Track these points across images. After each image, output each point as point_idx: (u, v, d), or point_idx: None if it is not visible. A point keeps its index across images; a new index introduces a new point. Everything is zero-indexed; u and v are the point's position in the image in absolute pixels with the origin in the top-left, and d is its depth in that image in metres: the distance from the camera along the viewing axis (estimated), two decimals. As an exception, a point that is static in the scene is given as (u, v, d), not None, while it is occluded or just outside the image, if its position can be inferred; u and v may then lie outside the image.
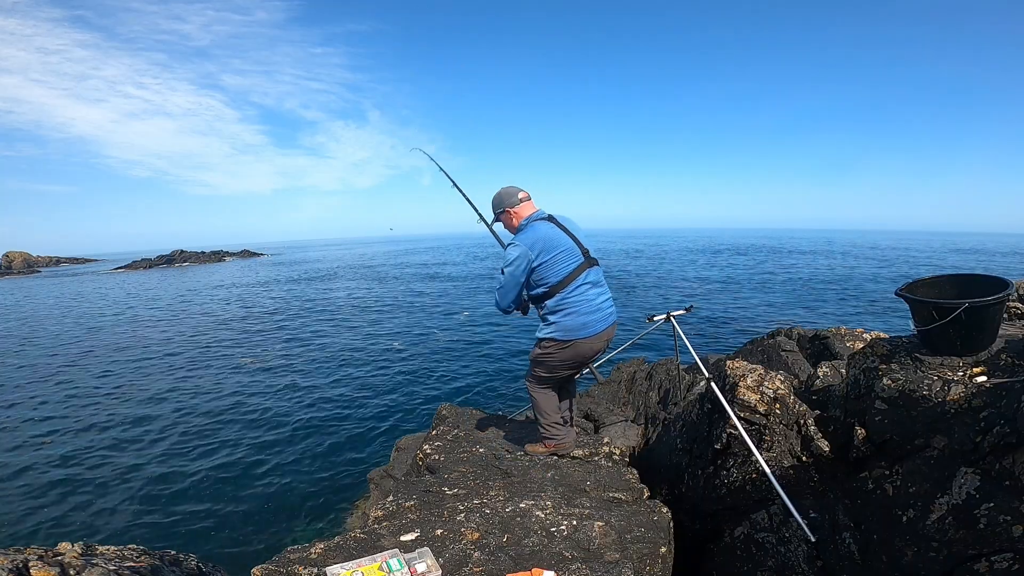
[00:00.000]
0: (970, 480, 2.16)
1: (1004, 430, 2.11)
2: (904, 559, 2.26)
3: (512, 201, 2.90)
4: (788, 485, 2.76)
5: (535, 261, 2.74)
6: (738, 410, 3.05)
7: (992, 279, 2.57)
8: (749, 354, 6.52)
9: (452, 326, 17.61)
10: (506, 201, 2.92)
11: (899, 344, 2.85)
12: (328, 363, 13.30)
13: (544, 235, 2.78)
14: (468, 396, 10.42)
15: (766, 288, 25.06)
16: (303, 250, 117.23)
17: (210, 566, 2.60)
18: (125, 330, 19.19)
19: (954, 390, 2.38)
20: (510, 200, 2.90)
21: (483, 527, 2.48)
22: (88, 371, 13.37)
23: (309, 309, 22.88)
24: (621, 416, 5.61)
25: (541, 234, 2.78)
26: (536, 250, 2.73)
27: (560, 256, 2.77)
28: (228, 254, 74.48)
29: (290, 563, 2.16)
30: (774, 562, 2.70)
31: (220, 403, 10.48)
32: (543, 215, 2.91)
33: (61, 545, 2.03)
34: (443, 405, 4.56)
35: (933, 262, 42.86)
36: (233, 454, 8.03)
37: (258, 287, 34.10)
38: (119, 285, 39.10)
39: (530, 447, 3.38)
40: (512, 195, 2.91)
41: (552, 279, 2.78)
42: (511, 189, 2.95)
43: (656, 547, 2.38)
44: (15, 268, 64.41)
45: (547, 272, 2.77)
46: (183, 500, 6.73)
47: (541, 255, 2.74)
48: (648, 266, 39.82)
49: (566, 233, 2.86)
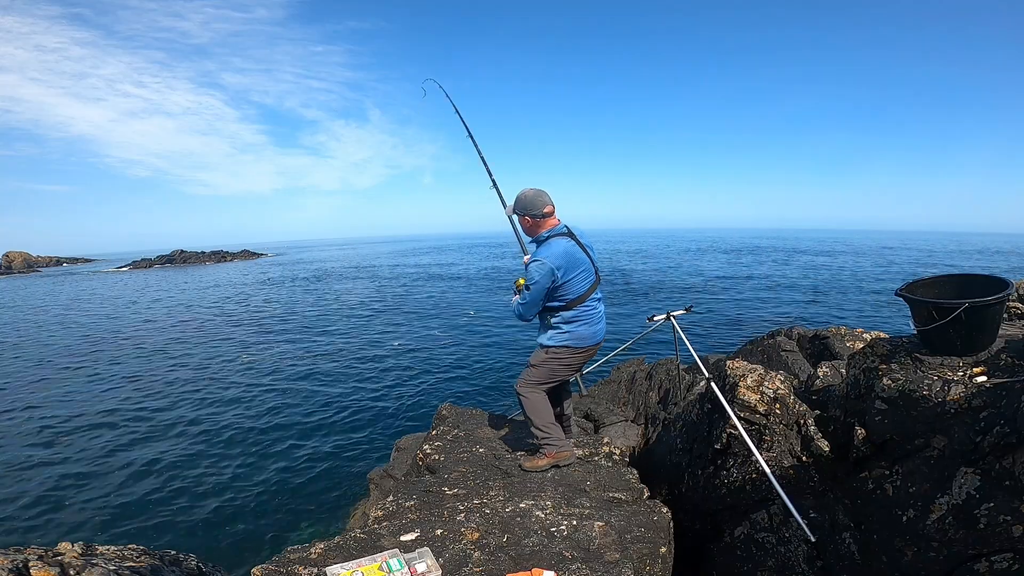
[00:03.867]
0: (970, 480, 2.16)
1: (1004, 430, 2.11)
2: (904, 559, 2.26)
3: (535, 212, 2.96)
4: (788, 485, 2.76)
5: (559, 280, 2.86)
6: (738, 410, 3.05)
7: (992, 279, 2.57)
8: (749, 354, 6.52)
9: (453, 326, 17.61)
10: (530, 210, 2.97)
11: (899, 344, 2.84)
12: (328, 363, 13.30)
13: (565, 253, 2.89)
14: (468, 396, 10.42)
15: (766, 288, 25.06)
16: (304, 250, 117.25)
17: (210, 566, 2.60)
18: (125, 331, 19.19)
19: (954, 390, 2.38)
20: (534, 210, 2.96)
21: (483, 527, 2.48)
22: (88, 371, 13.37)
23: (309, 309, 22.88)
24: (621, 416, 5.60)
25: (562, 251, 2.88)
26: (560, 269, 2.85)
27: (580, 275, 2.93)
28: (228, 254, 74.47)
29: (290, 563, 2.17)
30: (774, 562, 2.70)
31: (220, 403, 10.48)
32: (563, 230, 2.99)
33: (61, 545, 2.03)
34: (443, 405, 4.56)
35: (934, 262, 42.83)
36: (233, 454, 8.03)
37: (258, 287, 34.10)
38: (119, 285, 39.11)
39: (528, 463, 3.20)
40: (537, 207, 2.95)
41: (571, 296, 2.93)
42: (539, 199, 2.96)
43: (656, 547, 2.38)
44: (15, 268, 64.43)
45: (568, 289, 2.91)
46: (183, 500, 6.73)
47: (565, 274, 2.87)
48: (649, 266, 39.83)
49: (584, 251, 2.98)
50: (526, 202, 2.96)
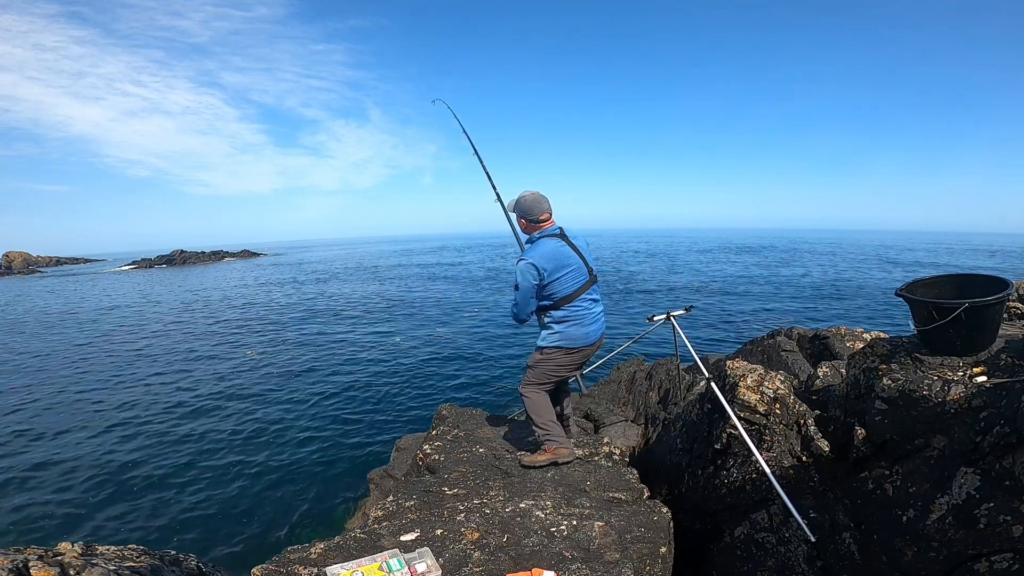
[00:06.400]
0: (970, 480, 2.16)
1: (1004, 430, 2.11)
2: (904, 559, 2.26)
3: (532, 216, 3.05)
4: (788, 485, 2.76)
5: (546, 279, 2.92)
6: (738, 410, 3.05)
7: (992, 279, 2.57)
8: (749, 354, 6.52)
9: (453, 326, 17.62)
10: (527, 214, 3.06)
11: (899, 344, 2.84)
12: (329, 363, 13.31)
13: (551, 252, 2.94)
14: (469, 396, 10.43)
15: (767, 288, 25.06)
16: (304, 250, 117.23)
17: (210, 566, 2.60)
18: (125, 331, 19.19)
19: (954, 390, 2.38)
20: (530, 215, 3.05)
21: (483, 527, 2.48)
22: (88, 371, 13.38)
23: (310, 309, 22.89)
24: (621, 416, 5.60)
25: (548, 251, 2.94)
26: (545, 269, 2.90)
27: (569, 274, 2.96)
28: (228, 254, 74.49)
29: (290, 563, 2.17)
30: (774, 562, 2.70)
31: (220, 403, 10.48)
32: (555, 231, 3.05)
33: (61, 545, 2.02)
34: (443, 405, 4.56)
35: (935, 262, 42.80)
36: (233, 454, 8.04)
37: (258, 287, 34.11)
38: (119, 285, 39.11)
39: (527, 459, 3.22)
40: (534, 211, 3.04)
41: (560, 294, 2.97)
42: (538, 206, 3.04)
43: (656, 547, 2.38)
44: (15, 268, 64.42)
45: (556, 288, 2.96)
46: (184, 500, 6.73)
47: (551, 273, 2.91)
48: (649, 266, 39.83)
49: (575, 251, 3.02)
50: (524, 205, 3.06)
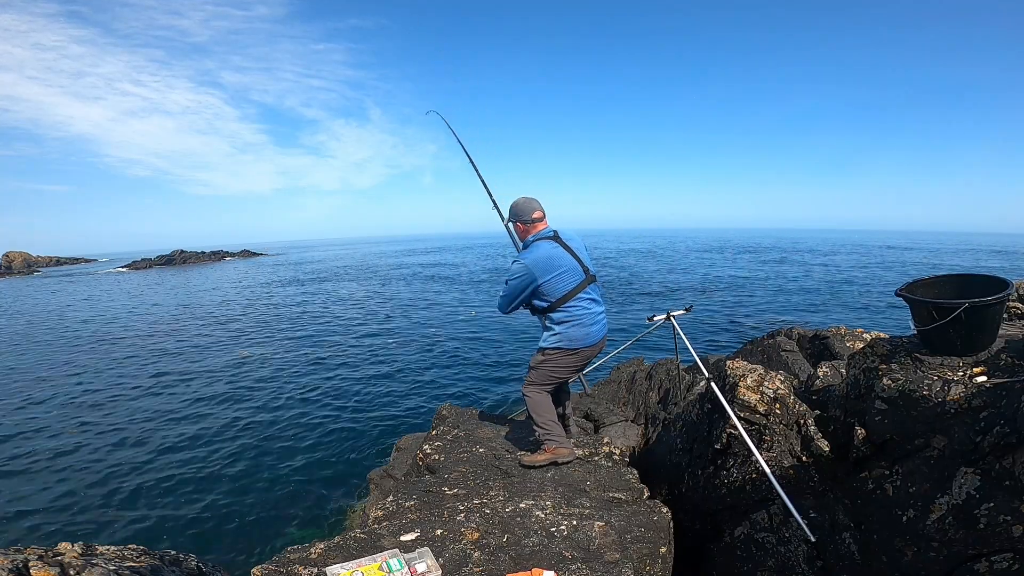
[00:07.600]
0: (970, 480, 2.16)
1: (1004, 430, 2.11)
2: (904, 559, 2.26)
3: (525, 219, 3.16)
4: (788, 485, 2.76)
5: (538, 281, 2.98)
6: (738, 410, 3.05)
7: (992, 279, 2.57)
8: (749, 354, 6.52)
9: (453, 326, 17.61)
10: (521, 217, 3.18)
11: (899, 344, 2.84)
12: (328, 363, 13.30)
13: (547, 255, 3.01)
14: (469, 396, 10.42)
15: (767, 288, 25.05)
16: (304, 250, 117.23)
17: (210, 566, 2.60)
18: (126, 330, 19.19)
19: (954, 390, 2.38)
20: (523, 217, 3.16)
21: (483, 527, 2.48)
22: (88, 371, 13.37)
23: (309, 309, 22.88)
24: (621, 416, 5.60)
25: (542, 254, 3.01)
26: (540, 271, 2.97)
27: (563, 275, 3.01)
28: (228, 254, 74.47)
29: (290, 563, 2.17)
30: (774, 562, 2.70)
31: (220, 403, 10.48)
32: (549, 233, 3.12)
33: (61, 545, 2.03)
34: (443, 405, 4.56)
35: (935, 262, 42.81)
36: (233, 454, 8.03)
37: (258, 287, 34.11)
38: (119, 285, 39.11)
39: (527, 459, 3.23)
40: (527, 213, 3.15)
41: (555, 295, 3.01)
42: (529, 206, 3.15)
43: (656, 547, 2.38)
44: (15, 268, 64.43)
45: (550, 289, 3.00)
46: (183, 500, 6.73)
47: (544, 275, 2.97)
48: (649, 266, 39.82)
49: (569, 252, 3.07)
50: (517, 209, 3.18)
